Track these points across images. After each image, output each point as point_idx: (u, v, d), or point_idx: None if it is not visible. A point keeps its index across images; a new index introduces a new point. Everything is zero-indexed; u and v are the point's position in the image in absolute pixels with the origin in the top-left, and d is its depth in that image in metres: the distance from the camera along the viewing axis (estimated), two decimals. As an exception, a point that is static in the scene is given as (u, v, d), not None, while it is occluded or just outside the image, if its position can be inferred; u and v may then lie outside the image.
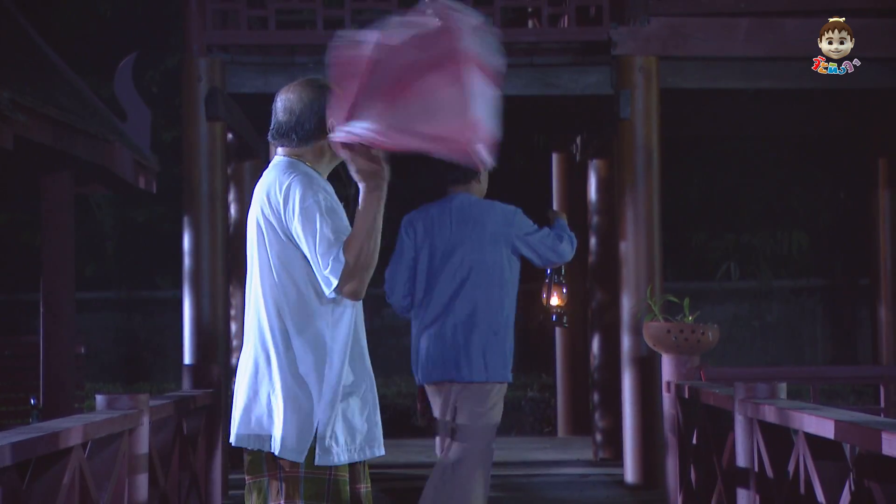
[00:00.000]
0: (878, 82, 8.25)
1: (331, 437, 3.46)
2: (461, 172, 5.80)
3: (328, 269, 3.39)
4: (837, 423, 3.67)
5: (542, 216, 6.09)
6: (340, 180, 17.27)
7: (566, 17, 8.54)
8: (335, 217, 3.46)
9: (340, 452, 3.47)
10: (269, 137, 3.63)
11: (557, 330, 10.99)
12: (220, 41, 8.26)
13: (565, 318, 6.28)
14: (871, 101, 9.22)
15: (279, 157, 3.60)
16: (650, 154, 8.11)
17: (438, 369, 5.67)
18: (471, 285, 5.66)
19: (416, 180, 6.35)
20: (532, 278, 7.10)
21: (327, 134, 3.48)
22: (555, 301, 6.27)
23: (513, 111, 9.52)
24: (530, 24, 9.95)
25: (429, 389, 5.76)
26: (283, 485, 3.47)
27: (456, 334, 5.63)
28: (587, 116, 9.35)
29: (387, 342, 13.97)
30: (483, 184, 5.93)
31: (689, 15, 8.25)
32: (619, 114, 8.12)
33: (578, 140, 10.51)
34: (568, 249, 5.85)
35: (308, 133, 3.57)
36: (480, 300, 5.65)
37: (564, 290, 6.25)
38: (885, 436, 3.27)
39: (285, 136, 3.58)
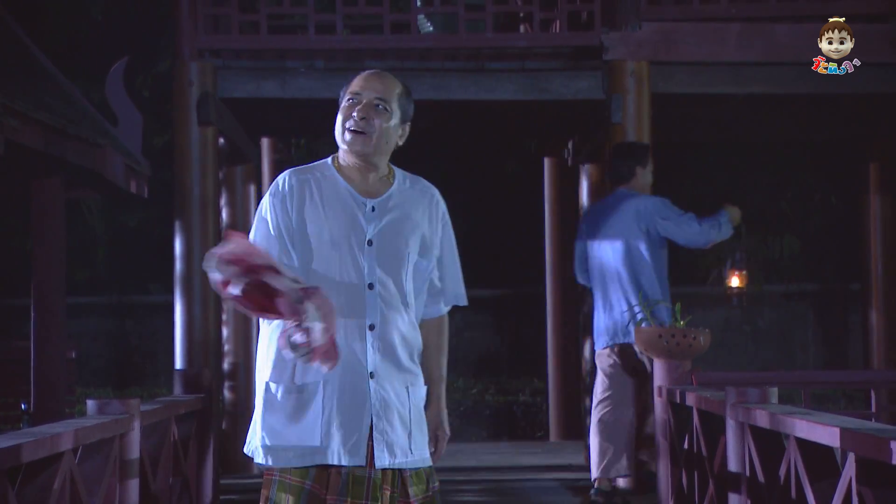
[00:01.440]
0: (869, 87, 8.27)
1: (258, 437, 3.48)
2: (619, 173, 7.24)
3: None
4: (843, 430, 3.65)
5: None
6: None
7: (558, 23, 8.55)
8: (269, 232, 3.49)
9: (266, 455, 3.46)
10: None
11: (549, 335, 11.00)
12: (211, 46, 8.26)
13: (745, 297, 7.22)
14: (862, 107, 9.24)
15: None
16: (642, 159, 8.10)
17: (603, 337, 7.13)
18: (619, 264, 7.00)
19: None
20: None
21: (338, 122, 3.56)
22: (735, 283, 7.22)
23: (504, 116, 9.59)
24: (522, 29, 9.96)
25: (601, 353, 7.14)
26: (263, 487, 3.48)
27: (612, 306, 6.99)
28: (579, 121, 9.36)
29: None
30: (641, 179, 7.22)
31: (680, 20, 8.27)
32: (610, 118, 8.13)
33: (570, 145, 10.52)
34: (698, 233, 7.03)
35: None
36: (625, 277, 6.97)
37: (744, 273, 7.25)
38: (894, 445, 3.22)
39: None
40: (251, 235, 3.51)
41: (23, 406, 9.30)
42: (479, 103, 8.46)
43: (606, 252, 7.13)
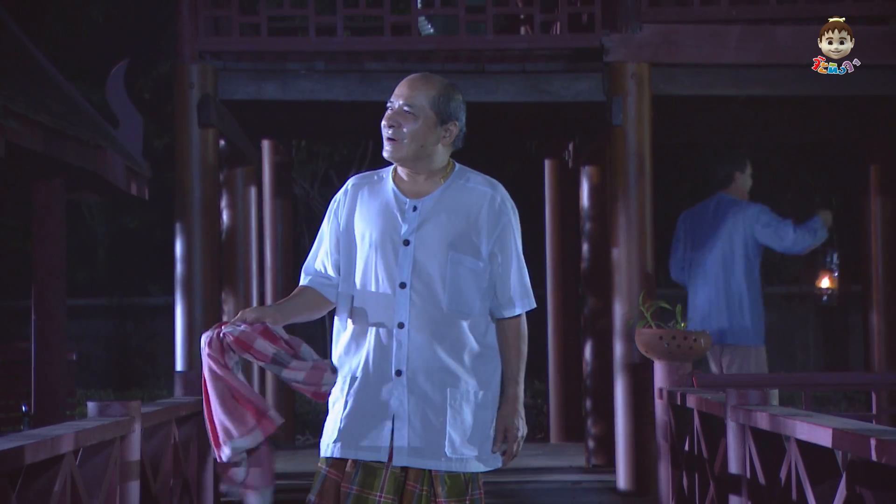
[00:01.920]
0: (869, 89, 8.26)
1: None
2: (719, 178, 7.59)
3: None
4: (835, 430, 3.67)
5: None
6: (331, 184, 17.24)
7: (558, 24, 8.54)
8: (315, 249, 3.74)
9: (324, 445, 3.61)
10: None
11: (550, 336, 11.00)
12: (212, 48, 8.26)
13: (835, 297, 8.14)
14: (863, 108, 9.24)
15: None
16: (642, 161, 8.11)
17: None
18: (718, 267, 7.28)
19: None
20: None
21: None
22: (825, 283, 8.16)
23: (505, 118, 9.58)
24: (522, 30, 9.96)
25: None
26: None
27: (711, 306, 7.26)
28: (579, 123, 9.35)
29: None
30: (740, 183, 7.55)
31: (681, 22, 8.26)
32: (611, 120, 8.12)
33: (571, 146, 10.52)
34: (793, 241, 7.33)
35: None
36: (722, 280, 7.26)
37: (835, 275, 8.18)
38: (872, 442, 3.27)
39: None
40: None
41: (23, 408, 9.29)
42: (479, 105, 8.44)
43: (705, 255, 7.46)
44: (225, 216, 9.30)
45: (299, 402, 13.43)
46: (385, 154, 3.63)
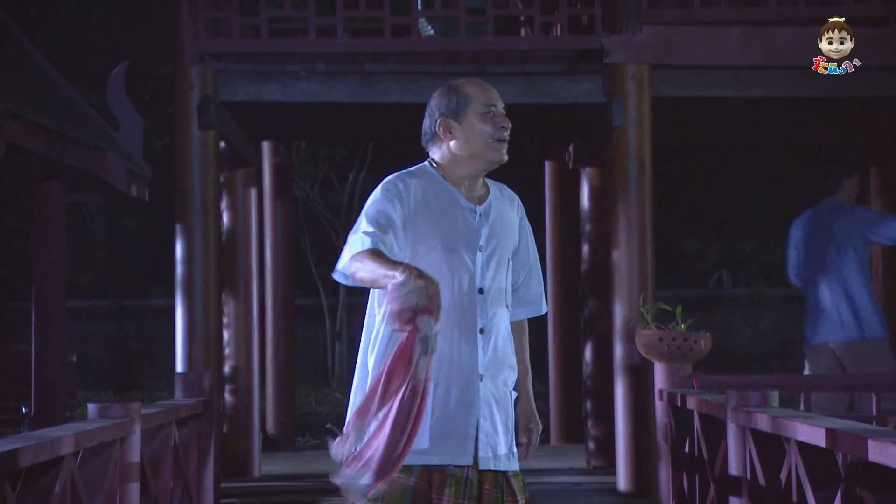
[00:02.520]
0: (869, 91, 8.27)
1: None
2: (828, 184, 7.71)
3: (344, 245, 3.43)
4: (832, 431, 3.67)
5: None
6: (331, 186, 17.18)
7: (558, 26, 8.55)
8: (376, 215, 3.43)
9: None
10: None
11: (550, 338, 11.02)
12: (212, 49, 8.27)
13: None
14: (862, 110, 9.24)
15: None
16: (642, 162, 8.12)
17: (817, 335, 7.51)
18: (833, 269, 7.45)
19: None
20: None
21: (444, 134, 3.55)
22: None
23: (505, 119, 9.59)
24: (522, 32, 9.97)
25: (816, 347, 7.52)
26: None
27: (833, 308, 7.41)
28: (579, 124, 9.36)
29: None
30: (848, 189, 7.68)
31: (681, 24, 8.27)
32: (611, 122, 8.13)
33: (571, 148, 10.52)
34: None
35: (427, 135, 3.60)
36: (839, 281, 7.43)
37: None
38: (871, 443, 3.28)
39: (423, 140, 3.64)
40: (359, 224, 3.44)
41: (24, 409, 9.29)
42: (479, 107, 8.44)
43: (819, 259, 7.59)
44: (225, 218, 9.30)
45: (299, 403, 13.43)
46: (503, 157, 3.58)
